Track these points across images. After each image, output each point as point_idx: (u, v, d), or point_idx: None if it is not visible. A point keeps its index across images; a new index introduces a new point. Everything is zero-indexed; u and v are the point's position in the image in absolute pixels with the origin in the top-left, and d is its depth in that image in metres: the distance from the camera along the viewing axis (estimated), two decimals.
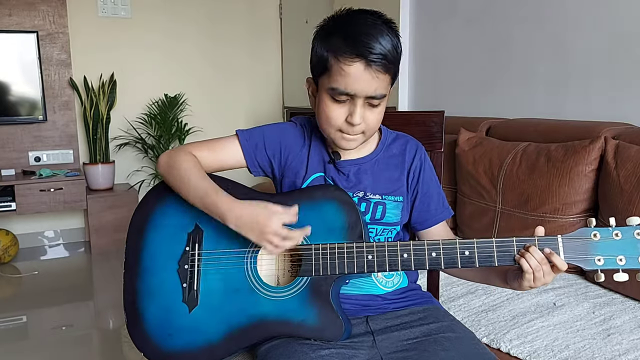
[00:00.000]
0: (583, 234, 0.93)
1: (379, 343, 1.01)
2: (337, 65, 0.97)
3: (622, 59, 2.02)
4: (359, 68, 0.95)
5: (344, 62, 0.96)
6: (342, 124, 1.01)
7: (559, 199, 1.80)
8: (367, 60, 0.95)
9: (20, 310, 2.73)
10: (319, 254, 0.99)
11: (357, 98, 0.98)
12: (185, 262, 1.05)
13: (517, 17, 2.46)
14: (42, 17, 3.53)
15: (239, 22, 4.21)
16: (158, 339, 1.04)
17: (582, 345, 1.30)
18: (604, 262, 0.92)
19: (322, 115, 1.03)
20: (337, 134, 1.03)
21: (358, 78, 0.96)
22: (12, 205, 3.32)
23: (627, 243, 0.91)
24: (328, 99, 1.00)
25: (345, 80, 0.96)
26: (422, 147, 1.16)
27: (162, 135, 3.82)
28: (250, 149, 1.10)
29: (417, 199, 1.13)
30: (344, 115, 1.00)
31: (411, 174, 1.12)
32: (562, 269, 0.93)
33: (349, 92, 0.97)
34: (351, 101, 0.99)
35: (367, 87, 0.97)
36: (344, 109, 1.00)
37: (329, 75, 0.99)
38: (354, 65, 0.95)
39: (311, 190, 1.05)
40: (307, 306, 0.99)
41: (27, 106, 3.52)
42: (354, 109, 0.99)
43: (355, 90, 0.97)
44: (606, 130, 1.82)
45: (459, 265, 0.96)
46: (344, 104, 1.00)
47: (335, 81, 0.98)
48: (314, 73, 1.04)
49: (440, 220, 1.16)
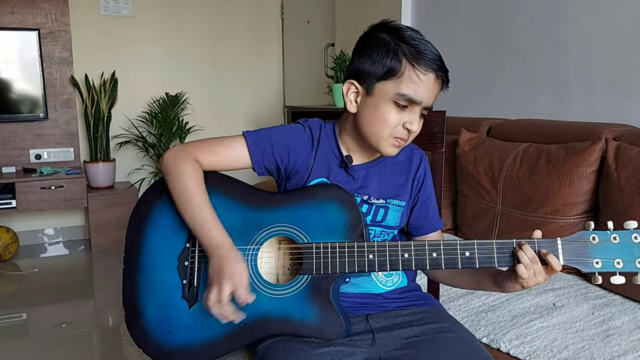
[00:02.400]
0: (582, 237, 0.95)
1: (379, 341, 1.02)
2: (412, 72, 1.00)
3: (623, 61, 2.02)
4: (430, 78, 1.01)
5: (420, 71, 1.00)
6: (398, 129, 1.03)
7: (560, 200, 1.80)
8: (437, 74, 1.01)
9: (20, 307, 2.74)
10: (320, 252, 0.99)
11: (418, 106, 1.02)
12: (186, 258, 1.05)
13: (518, 17, 2.46)
14: (44, 15, 3.53)
15: (240, 21, 4.21)
16: (158, 335, 1.04)
17: (581, 345, 1.31)
18: (602, 265, 0.93)
19: (378, 119, 1.03)
20: (389, 140, 1.04)
21: (429, 88, 1.01)
22: (13, 203, 3.32)
23: (624, 246, 0.93)
24: (390, 104, 1.02)
25: (416, 88, 1.00)
26: (425, 157, 1.19)
27: (163, 134, 3.82)
28: (257, 153, 1.09)
29: (417, 206, 1.16)
30: (401, 121, 1.03)
31: (416, 182, 1.15)
32: (557, 269, 0.94)
33: (416, 99, 1.01)
34: (410, 109, 1.02)
35: (431, 97, 1.03)
36: (402, 115, 1.02)
37: (399, 81, 1.01)
38: (428, 75, 1.00)
39: (313, 189, 1.05)
40: (308, 304, 0.99)
41: (28, 104, 3.53)
42: (414, 116, 1.03)
43: (423, 98, 1.01)
44: (607, 131, 1.82)
45: (459, 265, 0.96)
46: (404, 110, 1.02)
47: (406, 87, 1.00)
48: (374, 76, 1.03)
49: (435, 229, 1.19)
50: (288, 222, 1.02)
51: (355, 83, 1.06)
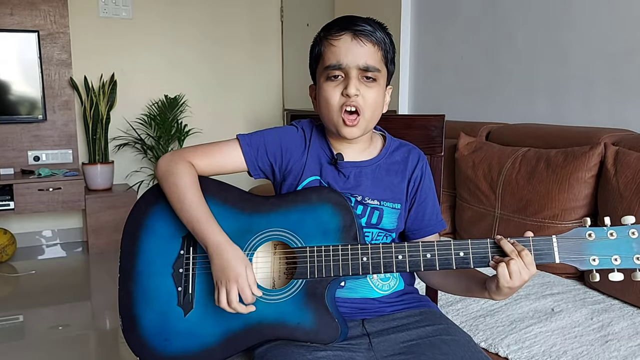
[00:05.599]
0: (578, 234, 0.93)
1: (376, 345, 1.01)
2: (327, 44, 1.03)
3: (622, 65, 2.02)
4: (346, 40, 1.01)
5: (332, 38, 1.02)
6: (340, 100, 1.03)
7: (558, 205, 1.80)
8: (354, 32, 1.01)
9: (17, 309, 2.72)
10: (314, 256, 0.99)
11: (350, 70, 1.01)
12: (180, 265, 1.05)
13: (517, 22, 2.47)
14: (43, 16, 3.53)
15: (240, 24, 4.21)
16: (154, 343, 1.04)
17: (580, 351, 1.30)
18: (599, 262, 0.92)
19: (322, 102, 1.05)
20: (339, 120, 1.04)
21: (347, 49, 1.01)
22: (11, 205, 3.31)
23: (622, 242, 0.91)
24: (325, 83, 1.04)
25: (335, 55, 1.02)
26: (424, 157, 1.17)
27: (161, 136, 3.81)
28: (251, 154, 1.10)
29: (413, 208, 1.14)
30: (340, 91, 1.03)
31: (412, 183, 1.13)
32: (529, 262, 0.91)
33: (340, 64, 1.01)
34: (345, 78, 1.02)
35: (357, 57, 1.01)
36: (339, 86, 1.03)
37: (322, 59, 1.04)
38: (341, 39, 1.02)
39: (306, 193, 1.05)
40: (303, 309, 0.98)
41: (27, 105, 3.52)
42: (348, 81, 1.01)
43: (347, 61, 1.01)
44: (606, 136, 1.82)
45: (453, 266, 0.95)
46: (339, 82, 1.03)
47: (327, 59, 1.03)
48: (312, 70, 1.10)
49: (433, 232, 1.17)
50: (282, 226, 1.02)
51: (313, 85, 1.11)
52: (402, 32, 3.08)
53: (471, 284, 1.06)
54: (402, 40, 3.09)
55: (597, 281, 0.92)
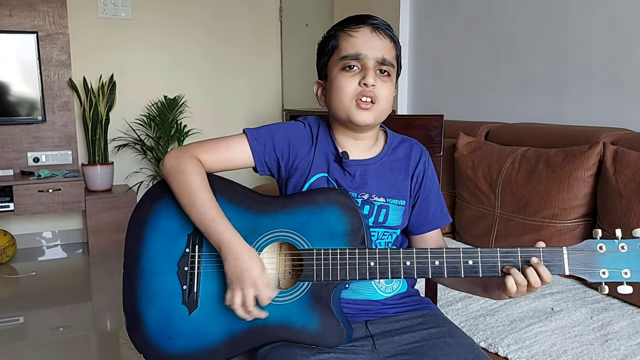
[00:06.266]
0: (588, 246, 0.91)
1: (379, 347, 1.01)
2: (344, 35, 1.04)
3: (621, 64, 2.03)
4: (365, 32, 1.04)
5: (351, 30, 1.04)
6: (356, 89, 1.03)
7: (558, 204, 1.80)
8: (372, 25, 1.04)
9: (17, 311, 2.72)
10: (321, 259, 0.98)
11: (368, 61, 1.02)
12: (185, 264, 1.04)
13: (516, 21, 2.47)
14: (42, 17, 3.53)
15: (239, 25, 4.21)
16: (158, 341, 1.03)
17: (580, 350, 1.31)
18: (609, 275, 0.90)
19: (336, 90, 1.05)
20: (352, 105, 1.03)
21: (366, 40, 1.03)
22: (10, 206, 3.31)
23: (632, 256, 0.90)
24: (340, 73, 1.04)
25: (353, 45, 1.03)
26: (426, 152, 1.16)
27: (161, 137, 3.81)
28: (259, 149, 1.09)
29: (417, 204, 1.14)
30: (357, 81, 1.03)
31: (415, 179, 1.13)
32: (547, 281, 0.91)
33: (359, 54, 1.02)
34: (362, 69, 1.03)
35: (376, 49, 1.03)
36: (356, 77, 1.03)
37: (338, 49, 1.05)
38: (360, 30, 1.04)
39: (313, 194, 1.04)
40: (309, 312, 0.98)
41: (26, 106, 3.52)
42: (366, 71, 1.02)
43: (366, 51, 1.02)
44: (605, 135, 1.83)
45: (462, 274, 0.94)
46: (355, 72, 1.03)
47: (344, 50, 1.04)
48: (321, 65, 1.10)
49: (437, 226, 1.16)
50: (288, 227, 1.01)
51: (319, 81, 1.11)
52: (401, 32, 3.08)
53: (472, 286, 1.07)
54: (401, 40, 3.08)
55: (606, 293, 0.91)
